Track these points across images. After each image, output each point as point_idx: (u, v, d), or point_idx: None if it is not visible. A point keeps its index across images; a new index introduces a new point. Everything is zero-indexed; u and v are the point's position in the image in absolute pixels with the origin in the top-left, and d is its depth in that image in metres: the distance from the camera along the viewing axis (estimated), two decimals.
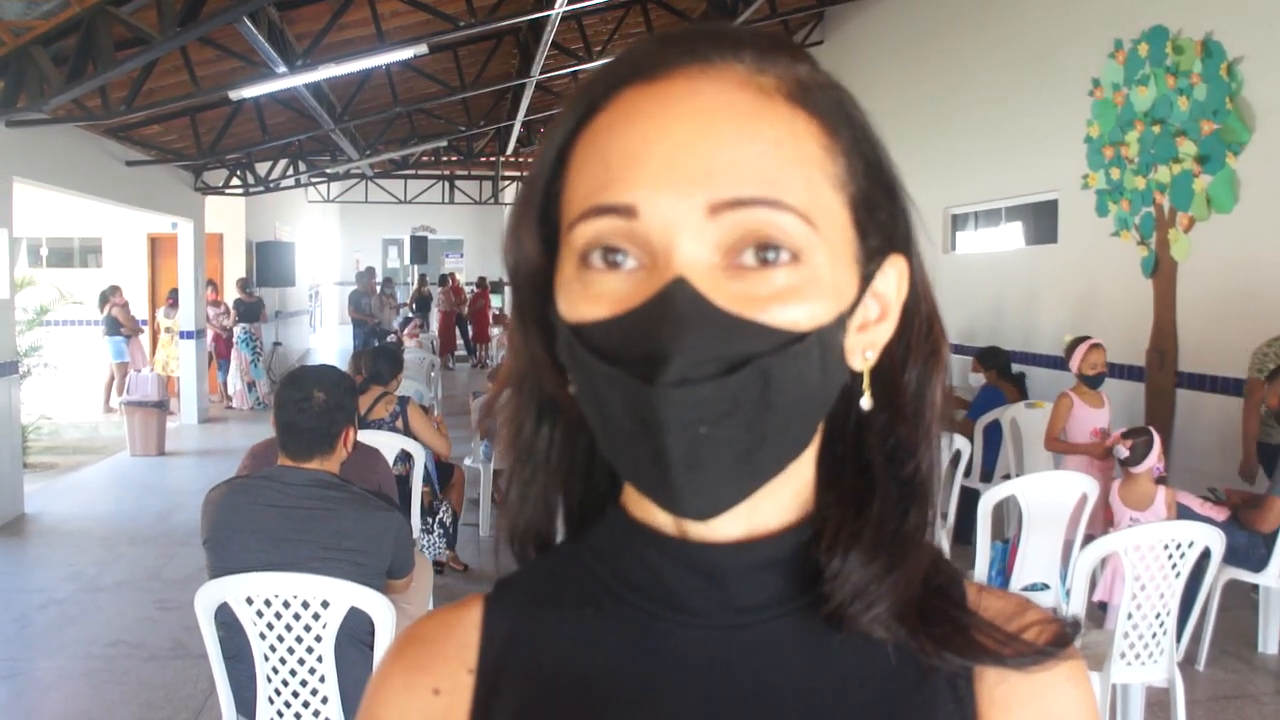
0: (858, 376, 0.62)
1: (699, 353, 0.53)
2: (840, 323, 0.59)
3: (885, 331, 0.63)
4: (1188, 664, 4.36)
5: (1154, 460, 4.26)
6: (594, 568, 0.67)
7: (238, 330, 13.54)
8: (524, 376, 0.67)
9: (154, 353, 13.77)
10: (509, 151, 17.14)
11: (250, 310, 13.79)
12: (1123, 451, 4.23)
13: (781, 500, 0.63)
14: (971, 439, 6.27)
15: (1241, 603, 4.99)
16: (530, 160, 0.62)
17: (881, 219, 0.61)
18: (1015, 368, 7.41)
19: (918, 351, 0.65)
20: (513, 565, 0.72)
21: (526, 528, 0.71)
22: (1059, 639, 0.63)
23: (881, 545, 0.62)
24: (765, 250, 0.56)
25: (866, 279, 0.61)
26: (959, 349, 9.54)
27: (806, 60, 0.61)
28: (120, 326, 13.10)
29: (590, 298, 0.57)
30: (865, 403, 0.63)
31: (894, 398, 0.64)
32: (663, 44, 0.60)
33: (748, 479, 0.57)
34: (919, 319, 0.65)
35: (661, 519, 0.63)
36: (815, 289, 0.57)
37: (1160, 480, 4.34)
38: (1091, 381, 5.42)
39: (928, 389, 0.65)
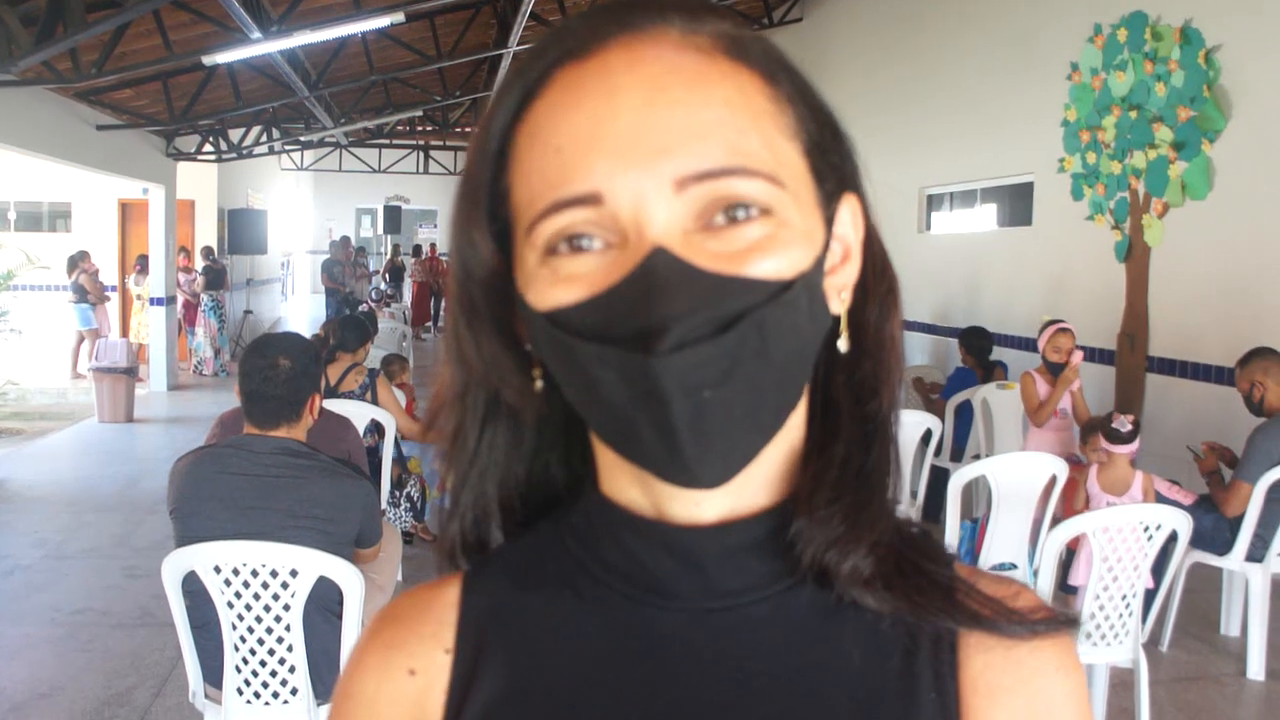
0: (834, 319, 0.62)
1: (692, 316, 0.52)
2: (819, 267, 0.58)
3: (851, 272, 0.63)
4: (1151, 645, 4.41)
5: (1136, 445, 4.28)
6: (572, 550, 0.66)
7: (205, 298, 13.41)
8: (469, 384, 0.66)
9: (126, 319, 13.61)
10: None
11: (216, 278, 13.65)
12: (1126, 425, 4.24)
13: (768, 473, 0.62)
14: (943, 418, 6.29)
15: (1205, 585, 5.05)
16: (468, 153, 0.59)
17: (833, 161, 0.61)
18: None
19: (875, 290, 0.64)
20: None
21: (464, 535, 0.69)
22: (1051, 621, 0.62)
23: (847, 483, 0.62)
24: (735, 209, 0.55)
25: (829, 222, 0.61)
26: (932, 329, 9.57)
27: (730, 16, 0.60)
28: (87, 294, 12.94)
29: (562, 281, 0.55)
30: (843, 344, 0.63)
31: (859, 336, 0.64)
32: (589, 19, 0.58)
33: (754, 437, 0.57)
34: (874, 257, 0.65)
35: (639, 502, 0.62)
36: (789, 235, 0.56)
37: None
38: (1054, 368, 5.48)
39: (887, 325, 0.65)
